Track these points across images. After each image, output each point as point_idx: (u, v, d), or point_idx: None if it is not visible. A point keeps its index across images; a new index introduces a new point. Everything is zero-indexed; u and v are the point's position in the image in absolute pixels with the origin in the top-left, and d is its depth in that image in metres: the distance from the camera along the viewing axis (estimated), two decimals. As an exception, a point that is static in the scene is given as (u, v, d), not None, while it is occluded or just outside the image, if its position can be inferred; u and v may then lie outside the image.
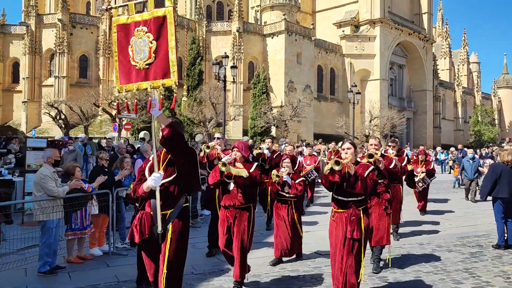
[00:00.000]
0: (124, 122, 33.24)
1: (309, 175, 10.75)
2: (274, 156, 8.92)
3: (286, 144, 10.89)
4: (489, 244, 7.21)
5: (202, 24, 46.80)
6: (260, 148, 8.93)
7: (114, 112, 34.68)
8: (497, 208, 7.15)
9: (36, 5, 46.71)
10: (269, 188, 6.87)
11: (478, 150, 25.71)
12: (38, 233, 5.75)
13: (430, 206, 10.99)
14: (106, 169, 6.79)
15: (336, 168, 4.32)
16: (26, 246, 6.33)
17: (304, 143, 23.82)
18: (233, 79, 27.72)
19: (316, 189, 13.03)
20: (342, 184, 4.47)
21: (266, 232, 8.33)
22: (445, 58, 74.35)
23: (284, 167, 6.30)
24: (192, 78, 40.50)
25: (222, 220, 5.15)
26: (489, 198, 7.53)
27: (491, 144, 30.09)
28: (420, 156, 10.68)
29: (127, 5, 3.93)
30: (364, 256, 4.55)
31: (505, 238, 7.02)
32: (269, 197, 7.79)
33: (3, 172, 9.74)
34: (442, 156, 24.95)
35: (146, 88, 3.66)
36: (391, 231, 7.06)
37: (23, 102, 45.52)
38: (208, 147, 6.82)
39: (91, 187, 6.19)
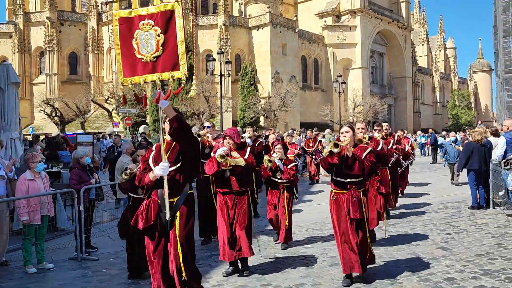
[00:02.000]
0: (119, 117, 34.43)
1: (297, 167, 11.57)
2: (256, 145, 9.05)
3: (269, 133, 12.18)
4: (465, 207, 9.08)
5: (189, 18, 47.81)
6: (241, 138, 9.59)
7: (111, 108, 35.84)
8: (471, 177, 9.03)
9: (23, 4, 47.01)
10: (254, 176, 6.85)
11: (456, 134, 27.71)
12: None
13: (414, 182, 12.73)
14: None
15: (335, 150, 4.46)
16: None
17: (294, 132, 25.52)
18: (228, 73, 29.14)
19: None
20: (341, 166, 4.61)
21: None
22: (422, 45, 76.89)
23: (276, 153, 6.35)
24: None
25: (221, 205, 5.15)
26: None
27: (467, 127, 32.25)
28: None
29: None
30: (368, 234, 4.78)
31: (478, 200, 8.91)
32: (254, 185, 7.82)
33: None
34: (423, 140, 26.98)
35: (154, 81, 3.67)
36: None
37: (15, 100, 45.83)
38: (199, 135, 6.72)
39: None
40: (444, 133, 25.24)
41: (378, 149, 6.11)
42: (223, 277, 5.08)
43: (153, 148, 4.07)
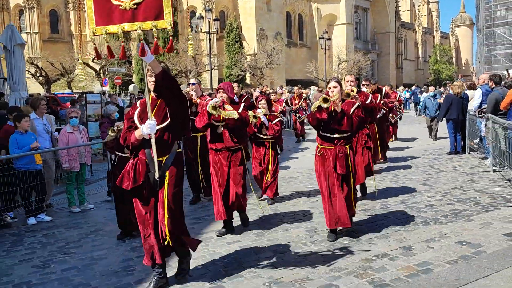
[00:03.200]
0: (103, 77, 34.41)
1: (282, 122, 11.54)
2: (242, 101, 9.15)
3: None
4: (444, 153, 10.16)
5: (172, -26, 46.77)
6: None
7: (98, 67, 35.72)
8: (449, 126, 10.07)
9: (-3, -42, 45.13)
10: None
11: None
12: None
13: (398, 135, 13.72)
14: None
15: (324, 105, 4.34)
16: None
17: (282, 89, 26.18)
18: (217, 31, 29.25)
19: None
20: (329, 122, 4.53)
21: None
22: (406, -1, 76.77)
23: (261, 108, 6.25)
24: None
25: (214, 163, 5.04)
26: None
27: (448, 82, 33.29)
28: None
29: None
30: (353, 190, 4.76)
31: (455, 146, 10.00)
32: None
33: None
34: (407, 95, 28.01)
35: (135, 30, 3.29)
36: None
37: (-4, 60, 45.01)
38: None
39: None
40: (424, 88, 26.22)
41: (367, 102, 6.25)
42: (216, 236, 4.98)
43: (138, 104, 3.78)
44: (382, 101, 8.32)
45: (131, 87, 30.34)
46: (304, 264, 4.05)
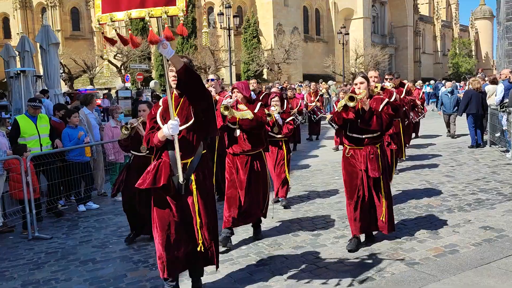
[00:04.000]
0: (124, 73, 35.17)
1: (295, 121, 9.42)
2: (261, 97, 8.38)
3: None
4: (466, 146, 10.41)
5: (190, -30, 47.21)
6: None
7: (119, 64, 36.50)
8: (469, 120, 10.32)
9: (21, -42, 46.26)
10: None
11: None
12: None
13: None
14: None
15: (351, 104, 4.06)
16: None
17: (302, 85, 26.46)
18: (236, 28, 29.65)
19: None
20: (357, 121, 4.21)
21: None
22: (425, -9, 75.84)
23: (274, 106, 5.90)
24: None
25: (229, 167, 4.73)
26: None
27: (468, 75, 33.04)
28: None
29: None
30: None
31: (476, 139, 10.24)
32: None
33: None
34: (428, 89, 27.93)
35: (143, 18, 3.11)
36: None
37: (20, 57, 46.22)
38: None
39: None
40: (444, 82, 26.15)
41: (391, 100, 5.63)
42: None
43: (160, 103, 3.54)
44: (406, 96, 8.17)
45: (152, 83, 30.93)
46: (339, 245, 4.45)
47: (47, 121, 6.34)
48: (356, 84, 4.35)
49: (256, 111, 4.61)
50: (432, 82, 32.12)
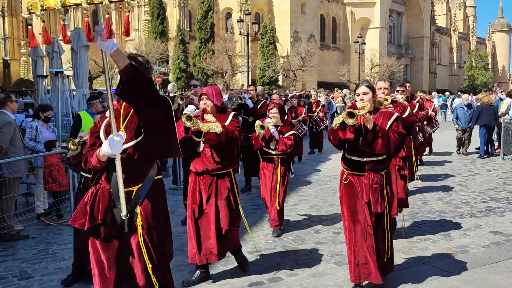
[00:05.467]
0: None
1: (300, 130, 8.85)
2: (258, 107, 7.65)
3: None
4: (476, 156, 10.75)
5: (211, -24, 48.06)
6: (241, 99, 7.70)
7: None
8: (481, 132, 10.91)
9: (46, -40, 47.59)
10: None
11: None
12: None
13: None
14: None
15: (350, 122, 3.26)
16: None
17: (314, 92, 26.84)
18: (255, 34, 30.24)
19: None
20: (357, 141, 3.42)
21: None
22: (442, 3, 75.78)
23: (271, 118, 5.16)
24: (205, 31, 42.68)
25: (193, 189, 3.92)
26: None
27: (484, 89, 33.05)
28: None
29: None
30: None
31: (486, 150, 10.70)
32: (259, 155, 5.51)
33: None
34: (441, 101, 28.11)
35: (80, 4, 2.71)
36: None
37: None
38: (182, 98, 5.49)
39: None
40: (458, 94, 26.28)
41: (404, 115, 4.92)
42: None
43: (107, 113, 2.78)
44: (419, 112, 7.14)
45: (170, 86, 31.46)
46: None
47: (91, 120, 6.86)
48: (358, 95, 3.55)
49: (227, 123, 3.85)
50: (447, 94, 32.25)
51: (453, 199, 6.70)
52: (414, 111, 6.26)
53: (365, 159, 3.52)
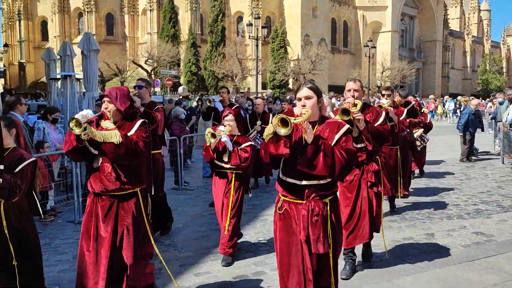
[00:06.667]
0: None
1: (258, 141, 7.18)
2: (233, 109, 6.92)
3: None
4: (478, 162, 10.83)
5: (222, -19, 48.57)
6: (210, 102, 7.10)
7: (150, 69, 37.90)
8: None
9: (62, -35, 48.60)
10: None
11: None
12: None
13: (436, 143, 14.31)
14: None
15: (282, 132, 2.55)
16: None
17: (325, 95, 27.02)
18: (264, 38, 30.56)
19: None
20: (294, 159, 2.69)
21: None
22: (456, 7, 75.22)
23: (225, 126, 4.47)
24: (216, 35, 43.17)
25: (89, 214, 3.21)
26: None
27: (498, 92, 32.77)
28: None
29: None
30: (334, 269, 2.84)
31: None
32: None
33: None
34: (451, 105, 27.89)
35: None
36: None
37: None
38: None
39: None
40: (471, 98, 26.10)
41: (378, 123, 4.07)
42: None
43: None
44: (408, 119, 6.26)
45: (180, 89, 32.04)
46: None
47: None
48: (299, 99, 2.79)
49: (131, 133, 3.17)
50: (459, 97, 32.03)
51: (444, 202, 6.85)
52: (401, 118, 5.63)
53: (304, 182, 2.72)
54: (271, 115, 7.81)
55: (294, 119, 2.60)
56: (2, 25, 52.05)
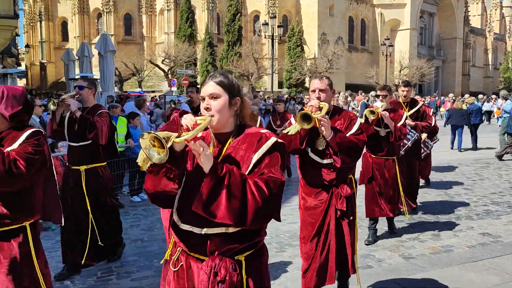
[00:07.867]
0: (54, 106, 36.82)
1: None
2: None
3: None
4: (494, 162, 10.69)
5: (239, -20, 48.71)
6: (175, 103, 5.50)
7: (167, 69, 38.33)
8: (452, 130, 11.64)
9: (82, -33, 49.47)
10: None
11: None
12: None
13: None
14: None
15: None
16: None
17: (339, 95, 26.77)
18: (280, 37, 30.59)
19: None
20: (190, 196, 1.85)
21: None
22: (477, 3, 73.74)
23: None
24: (233, 34, 43.34)
25: None
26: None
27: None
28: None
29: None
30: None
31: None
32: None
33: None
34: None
35: None
36: (369, 238, 4.87)
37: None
38: (55, 103, 3.98)
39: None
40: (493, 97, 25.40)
41: (351, 132, 3.28)
42: None
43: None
44: (412, 123, 5.56)
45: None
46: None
47: (125, 122, 7.41)
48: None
49: (11, 147, 2.37)
50: (480, 96, 31.46)
51: (454, 202, 6.83)
52: (400, 124, 4.76)
53: (205, 230, 1.84)
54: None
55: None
56: (24, 26, 53.24)
